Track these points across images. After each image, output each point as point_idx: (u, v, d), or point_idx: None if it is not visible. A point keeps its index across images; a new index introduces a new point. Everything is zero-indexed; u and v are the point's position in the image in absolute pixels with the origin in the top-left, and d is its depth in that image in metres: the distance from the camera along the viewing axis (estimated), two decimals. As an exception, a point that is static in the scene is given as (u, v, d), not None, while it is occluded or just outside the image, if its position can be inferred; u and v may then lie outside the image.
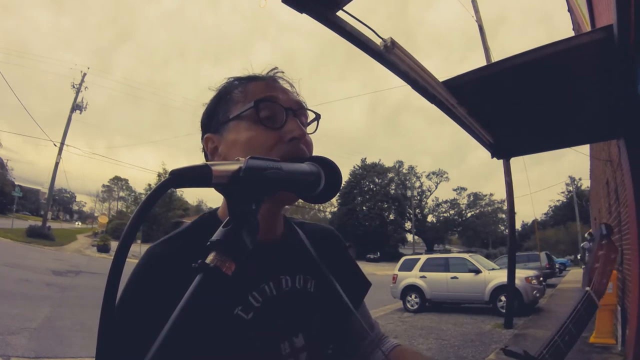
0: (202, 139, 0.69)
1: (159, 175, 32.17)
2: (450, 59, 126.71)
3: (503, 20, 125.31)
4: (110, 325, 0.37)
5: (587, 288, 0.75)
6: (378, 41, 2.66)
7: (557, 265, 20.63)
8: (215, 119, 0.67)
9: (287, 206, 0.71)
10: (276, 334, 0.61)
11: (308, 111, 0.70)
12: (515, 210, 8.10)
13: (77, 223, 75.88)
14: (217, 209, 0.71)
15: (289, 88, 0.70)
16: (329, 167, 0.54)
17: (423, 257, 10.56)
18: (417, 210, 54.03)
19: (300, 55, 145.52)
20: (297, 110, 0.66)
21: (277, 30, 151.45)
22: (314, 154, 0.66)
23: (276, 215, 0.69)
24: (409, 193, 52.61)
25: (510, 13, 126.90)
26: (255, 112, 0.62)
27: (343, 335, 0.71)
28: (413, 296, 9.89)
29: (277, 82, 0.69)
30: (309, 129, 0.70)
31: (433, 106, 3.69)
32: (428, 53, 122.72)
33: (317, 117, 0.71)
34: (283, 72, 0.71)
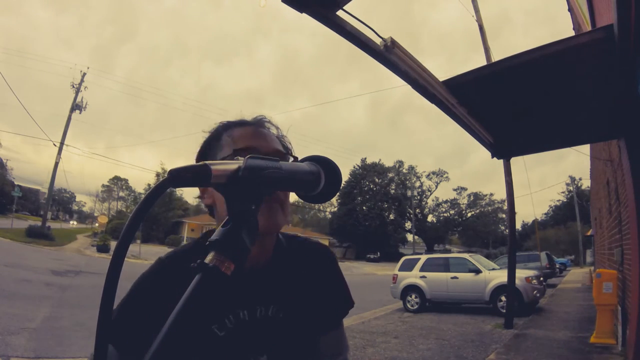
0: None
1: (158, 175, 32.12)
2: (453, 59, 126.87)
3: (507, 21, 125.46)
4: (108, 325, 0.37)
5: None
6: (378, 41, 2.65)
7: (557, 265, 20.63)
8: None
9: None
10: (243, 352, 0.68)
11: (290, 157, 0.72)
12: (516, 210, 8.10)
13: (72, 222, 73.18)
14: None
15: (275, 132, 0.74)
16: (328, 166, 0.54)
17: (423, 257, 10.54)
18: (417, 210, 53.95)
19: (302, 55, 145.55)
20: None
21: (279, 30, 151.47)
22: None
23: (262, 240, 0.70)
24: (409, 193, 52.52)
25: (513, 14, 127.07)
26: None
27: (309, 358, 0.75)
28: (413, 296, 9.88)
29: (260, 128, 0.72)
30: None
31: (434, 106, 3.69)
32: (431, 53, 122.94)
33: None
34: (269, 120, 0.76)
